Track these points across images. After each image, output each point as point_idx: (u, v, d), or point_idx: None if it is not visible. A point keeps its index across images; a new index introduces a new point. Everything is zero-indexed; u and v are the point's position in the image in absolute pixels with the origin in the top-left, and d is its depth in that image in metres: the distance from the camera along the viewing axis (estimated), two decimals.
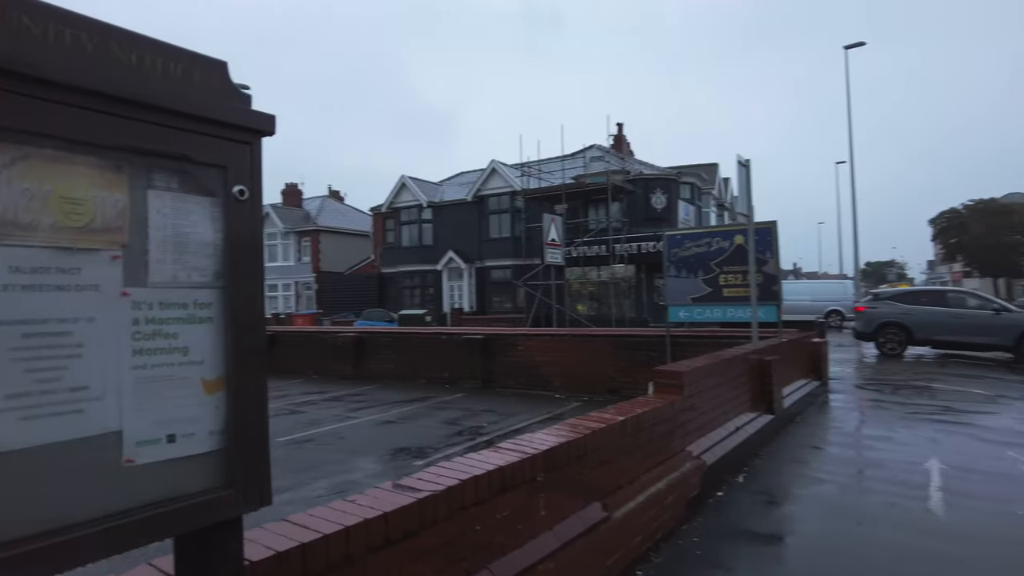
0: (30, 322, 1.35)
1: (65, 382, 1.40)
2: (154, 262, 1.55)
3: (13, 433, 1.32)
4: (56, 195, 1.39)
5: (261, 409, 1.72)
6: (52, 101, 1.36)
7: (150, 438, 1.53)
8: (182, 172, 1.61)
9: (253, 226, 1.71)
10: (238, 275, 1.67)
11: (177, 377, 1.59)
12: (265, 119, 1.73)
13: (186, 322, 1.61)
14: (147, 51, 1.54)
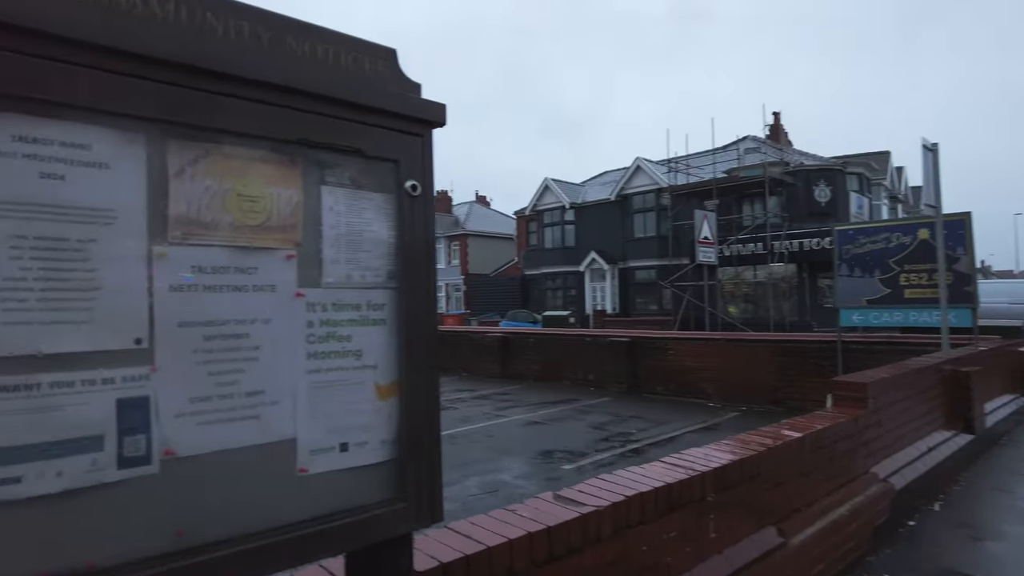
0: (211, 323, 1.33)
1: (242, 386, 1.37)
2: (328, 262, 1.49)
3: (193, 438, 1.29)
4: (235, 193, 1.36)
5: (433, 418, 1.61)
6: (232, 96, 1.33)
7: (324, 446, 1.47)
8: (354, 167, 1.54)
9: (426, 223, 1.61)
10: (411, 275, 1.58)
11: (351, 382, 1.52)
12: (436, 108, 1.63)
13: (360, 324, 1.54)
14: (319, 41, 1.49)
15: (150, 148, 1.27)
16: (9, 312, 1.12)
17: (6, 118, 1.12)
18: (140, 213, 1.25)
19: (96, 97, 1.19)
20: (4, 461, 1.11)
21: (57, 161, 1.17)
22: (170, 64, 1.25)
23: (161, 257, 1.27)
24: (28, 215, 1.14)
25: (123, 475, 1.22)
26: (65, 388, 1.17)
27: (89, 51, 1.17)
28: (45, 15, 1.12)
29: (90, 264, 1.19)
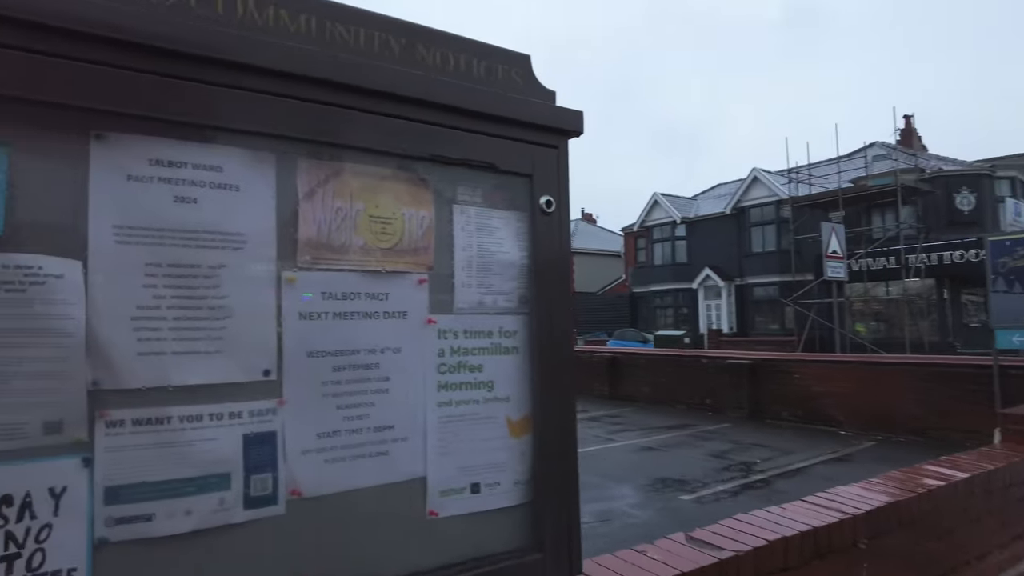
0: (341, 353, 1.25)
1: (371, 420, 1.28)
2: (459, 286, 1.39)
3: (320, 477, 1.21)
4: (365, 214, 1.29)
5: (571, 457, 1.46)
6: (363, 111, 1.26)
7: (454, 487, 1.36)
8: (486, 184, 1.43)
9: (561, 243, 1.47)
10: (545, 299, 1.44)
11: (482, 416, 1.40)
12: (572, 116, 1.49)
13: (491, 353, 1.42)
14: (450, 49, 1.40)
15: (280, 168, 1.22)
16: (143, 342, 1.08)
17: (143, 141, 1.10)
18: (270, 237, 1.20)
19: (228, 116, 1.15)
20: (135, 498, 1.07)
21: (190, 184, 1.13)
22: (300, 79, 1.19)
23: (290, 283, 1.21)
24: (162, 240, 1.10)
25: (249, 516, 1.15)
26: (194, 423, 1.12)
27: (223, 69, 1.13)
28: (181, 37, 1.09)
29: (220, 291, 1.14)
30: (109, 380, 1.05)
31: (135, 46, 1.06)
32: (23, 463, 1.00)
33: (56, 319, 1.02)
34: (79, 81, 1.02)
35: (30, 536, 1.00)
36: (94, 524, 1.04)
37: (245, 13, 1.19)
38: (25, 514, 1.00)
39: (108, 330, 1.05)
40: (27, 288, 1.00)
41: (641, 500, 7.13)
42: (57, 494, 1.02)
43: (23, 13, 0.97)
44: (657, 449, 9.82)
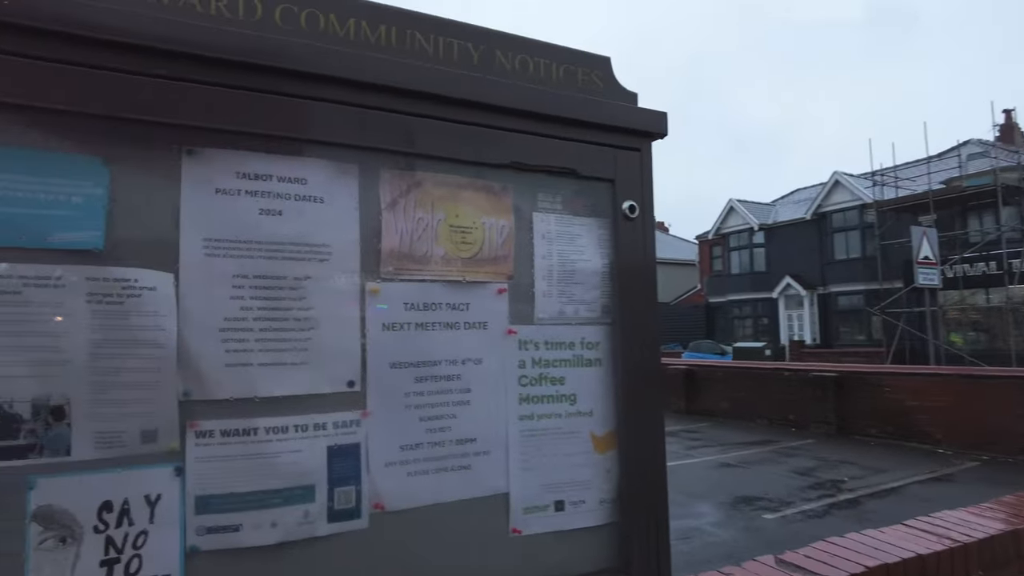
0: (423, 364, 1.24)
1: (453, 433, 1.26)
2: (540, 295, 1.35)
3: (403, 490, 1.20)
4: (446, 224, 1.28)
5: (659, 474, 1.39)
6: (445, 119, 1.25)
7: (538, 504, 1.31)
8: (567, 190, 1.40)
9: (645, 249, 1.42)
10: (629, 309, 1.39)
11: (565, 430, 1.35)
12: (655, 118, 1.44)
13: (573, 365, 1.38)
14: (529, 54, 1.38)
15: (363, 179, 1.22)
16: (231, 354, 1.10)
17: (231, 155, 1.12)
18: (353, 248, 1.20)
19: (313, 128, 1.16)
20: (224, 508, 1.08)
21: (276, 196, 1.15)
22: (382, 89, 1.19)
23: (374, 293, 1.21)
24: (249, 253, 1.12)
25: (333, 529, 1.14)
26: (280, 434, 1.12)
27: (307, 82, 1.14)
28: (268, 51, 1.11)
29: (306, 303, 1.15)
30: (199, 391, 1.07)
31: (224, 62, 1.08)
32: (121, 471, 1.02)
33: (150, 330, 1.04)
34: (172, 99, 1.05)
35: (128, 542, 1.02)
36: (186, 532, 1.06)
37: (327, 26, 1.20)
38: (123, 520, 1.02)
39: (198, 341, 1.07)
40: (124, 300, 1.03)
41: (722, 518, 6.87)
42: (152, 502, 1.04)
43: (120, 36, 1.01)
44: (737, 466, 9.47)
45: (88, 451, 1.00)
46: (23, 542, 0.96)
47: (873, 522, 6.21)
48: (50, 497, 0.98)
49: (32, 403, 0.98)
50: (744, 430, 12.58)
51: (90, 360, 1.01)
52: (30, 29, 0.97)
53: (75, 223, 1.01)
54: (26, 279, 0.98)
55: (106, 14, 1.01)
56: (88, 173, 1.03)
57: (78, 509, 0.99)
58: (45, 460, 0.98)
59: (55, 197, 1.01)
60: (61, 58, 0.99)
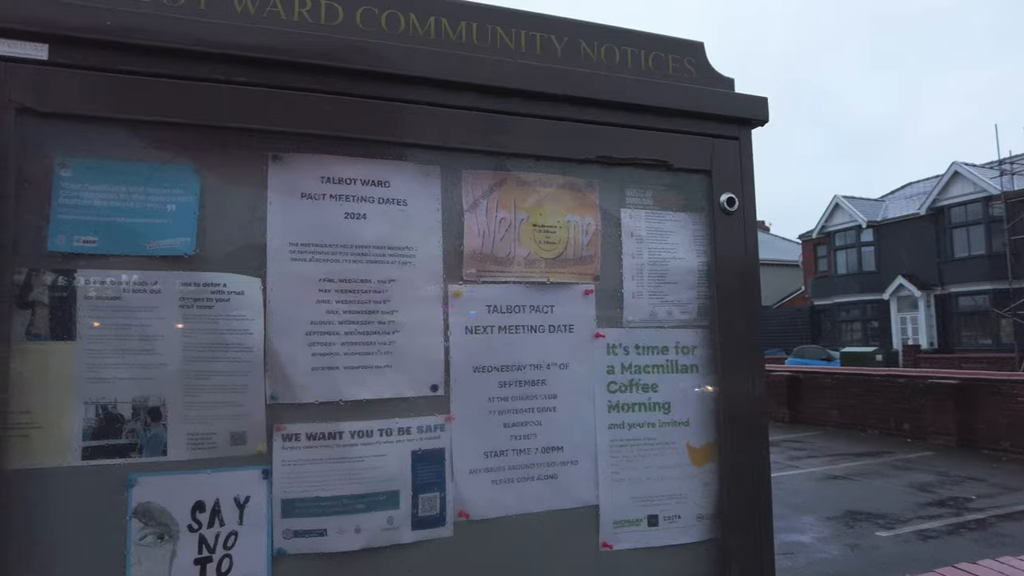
0: (506, 368, 1.20)
1: (539, 440, 1.21)
2: (629, 296, 1.28)
3: (488, 499, 1.16)
4: (529, 223, 1.23)
5: (763, 490, 1.29)
6: (527, 115, 1.21)
7: (629, 518, 1.24)
8: (658, 183, 1.32)
9: (746, 245, 1.31)
10: (729, 310, 1.29)
11: (658, 441, 1.27)
12: (755, 103, 1.34)
13: (666, 371, 1.29)
14: (615, 43, 1.31)
15: (445, 180, 1.20)
16: (317, 357, 1.10)
17: (315, 160, 1.13)
18: (436, 250, 1.18)
19: (395, 129, 1.15)
20: (309, 512, 1.08)
21: (360, 200, 1.15)
22: (463, 86, 1.17)
23: (456, 296, 1.18)
24: (334, 256, 1.12)
25: (418, 536, 1.12)
26: (364, 438, 1.11)
27: (389, 83, 1.13)
28: (351, 55, 1.11)
29: (390, 306, 1.14)
30: (285, 394, 1.08)
31: (307, 67, 1.09)
32: (212, 472, 1.05)
33: (239, 334, 1.06)
34: (259, 105, 1.07)
35: (219, 542, 1.04)
36: (273, 535, 1.06)
37: (407, 26, 1.19)
38: (215, 520, 1.04)
39: (284, 345, 1.08)
40: (214, 305, 1.05)
41: (829, 533, 6.46)
42: (241, 503, 1.05)
43: (211, 47, 1.04)
44: (846, 478, 8.89)
45: (182, 452, 1.03)
46: (125, 537, 1.00)
47: (1010, 547, 5.64)
48: (149, 495, 1.01)
49: (132, 404, 1.02)
50: (853, 440, 11.83)
51: (183, 363, 1.03)
52: (129, 46, 1.00)
53: (169, 230, 1.04)
54: (126, 285, 1.02)
55: (198, 27, 1.03)
56: (181, 181, 1.06)
57: (174, 507, 1.02)
58: (144, 459, 1.02)
59: (152, 206, 1.04)
60: (155, 72, 1.02)
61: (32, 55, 0.96)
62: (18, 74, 0.95)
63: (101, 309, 1.01)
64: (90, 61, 0.99)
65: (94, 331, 1.00)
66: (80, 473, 0.99)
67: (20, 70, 0.95)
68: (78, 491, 0.99)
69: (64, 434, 0.99)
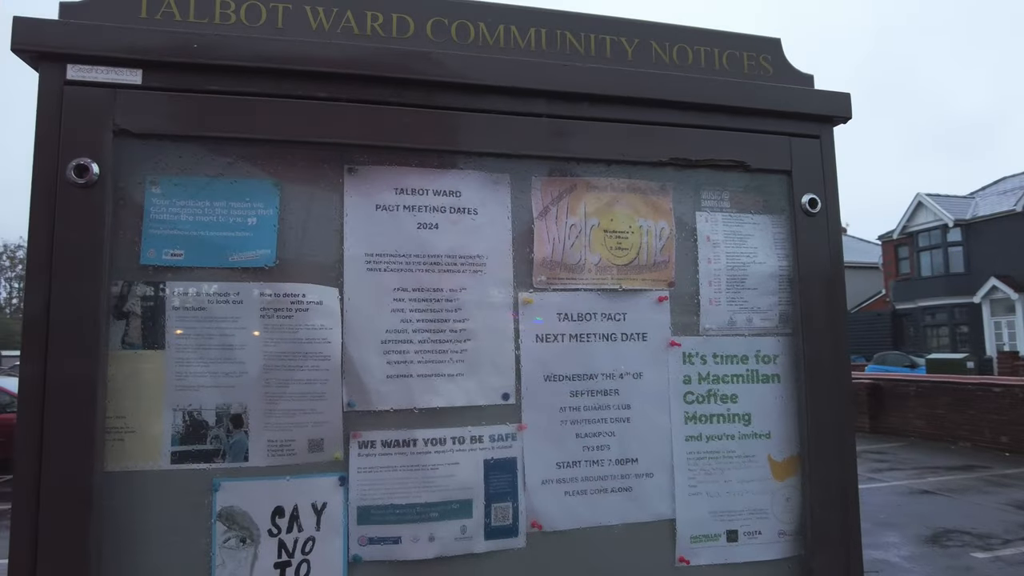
0: (578, 377, 1.19)
1: (612, 451, 1.19)
2: (705, 303, 1.25)
3: (560, 510, 1.16)
4: (600, 229, 1.22)
5: (851, 506, 1.22)
6: (596, 119, 1.20)
7: (707, 533, 1.21)
8: (735, 185, 1.28)
9: (831, 248, 1.26)
10: (813, 317, 1.24)
11: (738, 454, 1.23)
12: (837, 100, 1.28)
13: (746, 380, 1.25)
14: (687, 43, 1.29)
15: (514, 188, 1.20)
16: (392, 365, 1.12)
17: (389, 171, 1.15)
18: (506, 258, 1.18)
19: (466, 139, 1.16)
20: (384, 519, 1.09)
21: (432, 210, 1.16)
22: (533, 93, 1.17)
23: (527, 304, 1.18)
24: (408, 266, 1.14)
25: (490, 547, 1.12)
26: (438, 446, 1.12)
27: (458, 93, 1.15)
28: (424, 66, 1.12)
29: (461, 314, 1.15)
30: (361, 401, 1.10)
31: (383, 80, 1.11)
32: (291, 478, 1.07)
33: (317, 343, 1.09)
34: (336, 119, 1.10)
35: (297, 547, 1.07)
36: (349, 541, 1.08)
37: (477, 35, 1.19)
38: (294, 526, 1.07)
39: (361, 353, 1.10)
40: (293, 314, 1.08)
41: (917, 552, 6.10)
42: (319, 509, 1.08)
43: (290, 64, 1.07)
44: (935, 493, 8.40)
45: (262, 458, 1.06)
46: (210, 539, 1.03)
47: None
48: (232, 499, 1.05)
49: (216, 411, 1.06)
50: (942, 453, 11.18)
51: (263, 371, 1.07)
52: (214, 67, 1.05)
53: (251, 243, 1.08)
54: (210, 296, 1.06)
55: (278, 46, 1.07)
56: (262, 196, 1.10)
57: (255, 512, 1.05)
58: (227, 464, 1.05)
59: (235, 219, 1.09)
60: (239, 91, 1.07)
61: (129, 80, 1.02)
62: (118, 99, 1.01)
63: (187, 319, 1.06)
64: (179, 83, 1.05)
65: (181, 340, 1.05)
66: (170, 476, 1.04)
67: (120, 95, 1.01)
68: (168, 494, 1.04)
69: (155, 439, 1.04)
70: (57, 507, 0.94)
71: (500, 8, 1.21)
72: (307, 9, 1.12)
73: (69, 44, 1.00)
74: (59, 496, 0.95)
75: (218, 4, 1.09)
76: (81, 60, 1.01)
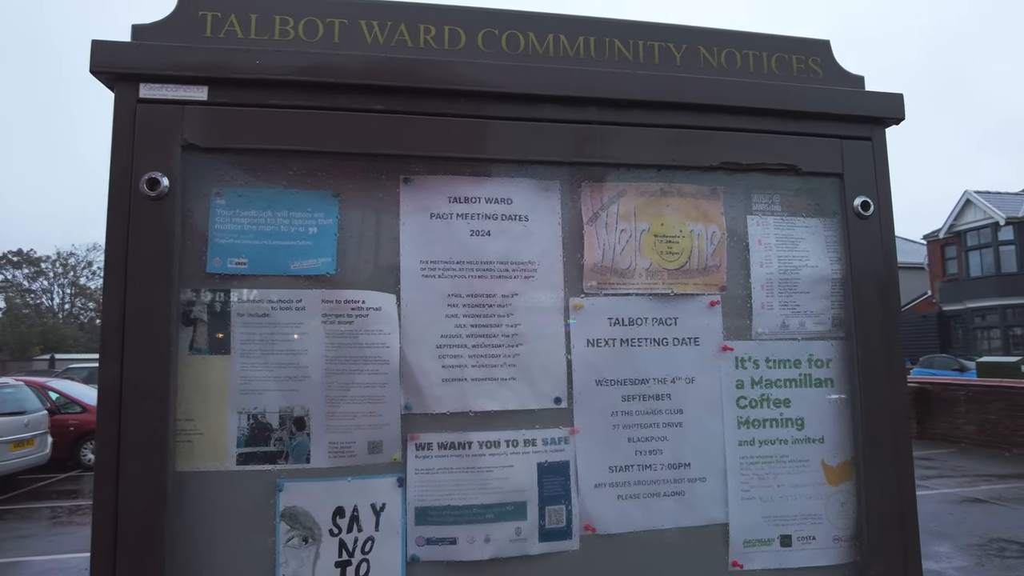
0: (629, 382, 1.21)
1: (665, 456, 1.21)
2: (758, 307, 1.25)
3: (613, 513, 1.17)
4: (650, 234, 1.24)
5: (908, 513, 1.22)
6: (645, 125, 1.22)
7: (760, 537, 1.21)
8: (786, 189, 1.29)
9: (884, 251, 1.25)
10: (866, 320, 1.23)
11: (791, 459, 1.24)
12: (889, 101, 1.28)
13: (799, 385, 1.25)
14: (735, 47, 1.30)
15: (564, 195, 1.23)
16: (447, 369, 1.15)
17: (443, 181, 1.18)
18: (557, 264, 1.21)
19: (518, 148, 1.19)
20: (441, 520, 1.13)
21: (484, 218, 1.19)
22: (585, 101, 1.19)
23: (577, 309, 1.20)
24: (462, 272, 1.17)
25: (544, 549, 1.15)
26: (492, 449, 1.15)
27: (508, 102, 1.17)
28: (478, 77, 1.16)
29: (513, 319, 1.18)
30: (419, 404, 1.14)
31: (437, 92, 1.15)
32: (351, 479, 1.12)
33: (376, 348, 1.13)
34: (393, 131, 1.14)
35: (357, 547, 1.11)
36: (407, 542, 1.12)
37: (527, 45, 1.22)
38: (354, 526, 1.11)
39: (417, 357, 1.14)
40: (353, 320, 1.12)
41: (972, 563, 5.92)
42: (378, 510, 1.12)
43: (350, 78, 1.11)
44: (988, 502, 8.14)
45: (324, 459, 1.11)
46: (274, 538, 1.08)
47: None
48: (294, 499, 1.09)
49: (279, 414, 1.10)
50: (995, 460, 10.82)
51: (325, 375, 1.11)
52: (275, 83, 1.10)
53: (312, 251, 1.13)
54: (273, 303, 1.11)
55: (334, 59, 1.12)
56: (322, 206, 1.14)
57: (316, 512, 1.10)
58: (290, 466, 1.10)
59: (296, 229, 1.14)
60: (299, 105, 1.11)
61: (196, 97, 1.07)
62: (185, 115, 1.07)
63: (251, 325, 1.11)
64: (241, 98, 1.10)
65: (246, 345, 1.10)
66: (236, 477, 1.09)
67: (187, 111, 1.07)
68: (234, 494, 1.08)
69: (222, 441, 1.09)
70: (134, 504, 1.00)
71: (549, 18, 1.24)
72: (362, 24, 1.17)
73: (142, 64, 1.06)
74: (136, 493, 1.00)
75: (278, 21, 1.14)
76: (152, 79, 1.06)
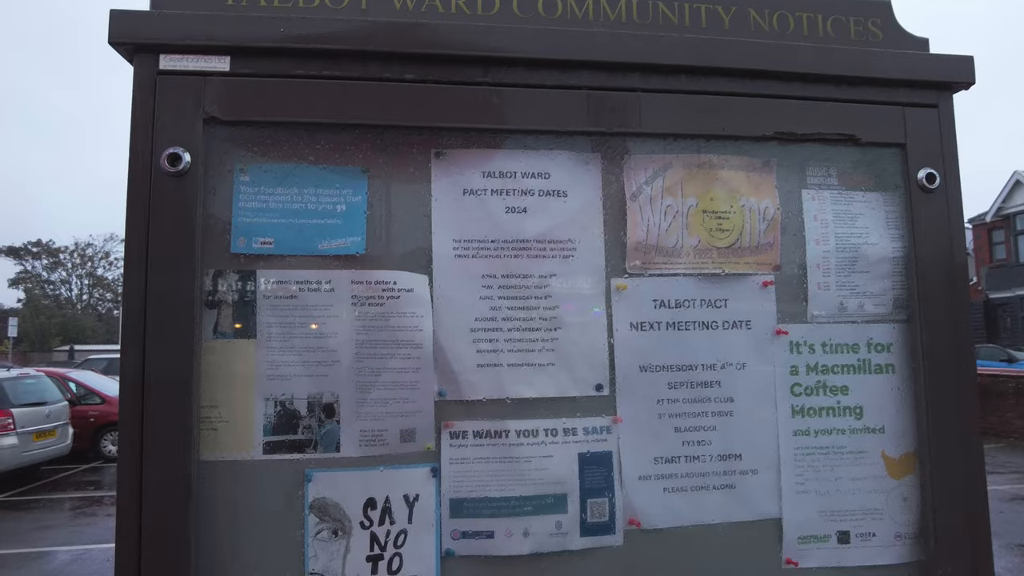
0: (676, 368, 1.17)
1: (714, 447, 1.17)
2: (813, 288, 1.21)
3: (659, 507, 1.14)
4: (699, 210, 1.19)
5: (978, 508, 1.17)
6: (692, 92, 1.18)
7: (816, 534, 1.17)
8: (843, 160, 1.24)
9: (951, 228, 1.20)
10: (932, 302, 1.18)
11: (849, 450, 1.19)
12: (957, 64, 1.22)
13: (858, 371, 1.21)
14: (788, 9, 1.25)
15: (606, 168, 1.19)
16: (482, 354, 1.12)
17: (477, 154, 1.15)
18: (598, 242, 1.17)
19: (557, 117, 1.15)
20: (477, 512, 1.10)
21: (520, 193, 1.16)
22: (620, 67, 1.15)
23: (620, 291, 1.16)
24: (496, 252, 1.14)
25: (586, 543, 1.12)
26: (530, 438, 1.13)
27: (543, 69, 1.14)
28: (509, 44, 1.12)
29: (551, 301, 1.15)
30: (453, 391, 1.11)
31: (464, 59, 1.12)
32: (384, 469, 1.10)
33: (408, 331, 1.10)
34: (423, 102, 1.11)
35: (390, 540, 1.09)
36: (441, 535, 1.10)
37: (565, 10, 1.18)
38: (386, 518, 1.09)
39: (451, 341, 1.12)
40: (384, 302, 1.10)
41: (1020, 563, 5.81)
42: (411, 502, 1.10)
43: (374, 46, 1.09)
44: None
45: (354, 448, 1.09)
46: (303, 531, 1.07)
47: None
48: (324, 490, 1.08)
49: (308, 400, 1.09)
50: None
51: (355, 360, 1.09)
52: (301, 51, 1.07)
53: (341, 230, 1.11)
54: (301, 284, 1.09)
55: (362, 26, 1.09)
56: (350, 182, 1.12)
57: (347, 504, 1.08)
58: (319, 455, 1.08)
59: (324, 207, 1.11)
60: (326, 75, 1.09)
61: (217, 67, 1.05)
62: (207, 86, 1.05)
63: (279, 308, 1.09)
64: (265, 69, 1.08)
65: (272, 329, 1.08)
66: (262, 466, 1.07)
67: (209, 83, 1.05)
68: (261, 484, 1.07)
69: (248, 428, 1.07)
70: (158, 494, 0.99)
71: None
72: None
73: (162, 34, 1.04)
74: (160, 483, 0.99)
75: None
76: (173, 50, 1.05)
